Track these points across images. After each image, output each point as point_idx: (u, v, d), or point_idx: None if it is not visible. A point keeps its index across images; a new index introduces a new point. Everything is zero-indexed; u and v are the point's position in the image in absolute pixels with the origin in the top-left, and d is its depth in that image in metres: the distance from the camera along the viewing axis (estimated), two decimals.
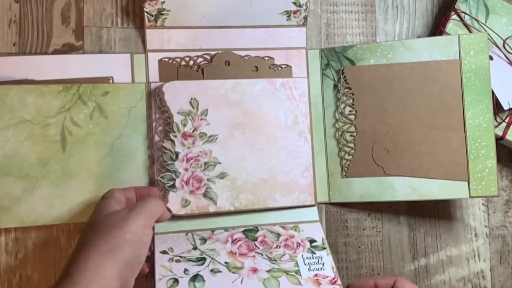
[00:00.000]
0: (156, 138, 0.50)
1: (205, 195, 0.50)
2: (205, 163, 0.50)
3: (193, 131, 0.50)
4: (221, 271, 0.45)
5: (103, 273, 0.37)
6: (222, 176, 0.50)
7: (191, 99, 0.50)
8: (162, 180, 0.49)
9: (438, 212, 0.58)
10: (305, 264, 0.47)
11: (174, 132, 0.49)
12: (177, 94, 0.50)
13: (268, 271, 0.45)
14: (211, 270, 0.45)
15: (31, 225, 0.48)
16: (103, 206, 0.42)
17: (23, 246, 0.49)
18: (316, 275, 0.45)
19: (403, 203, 0.57)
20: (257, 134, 0.52)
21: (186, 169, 0.49)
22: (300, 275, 0.45)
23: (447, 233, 0.58)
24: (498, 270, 0.58)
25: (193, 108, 0.50)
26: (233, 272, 0.45)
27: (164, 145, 0.49)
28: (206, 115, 0.50)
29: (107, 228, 0.39)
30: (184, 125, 0.50)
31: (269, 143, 0.52)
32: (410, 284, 0.44)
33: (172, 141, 0.49)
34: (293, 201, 0.52)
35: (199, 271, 0.44)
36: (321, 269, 0.46)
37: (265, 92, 0.52)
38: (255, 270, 0.45)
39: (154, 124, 0.50)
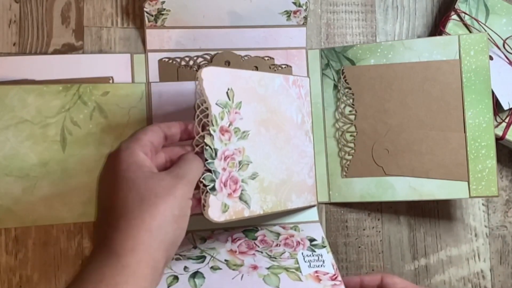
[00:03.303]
0: (195, 131, 0.43)
1: (240, 198, 0.43)
2: (240, 162, 0.44)
3: (229, 125, 0.43)
4: (221, 268, 0.45)
5: (152, 254, 0.33)
6: (253, 176, 0.45)
7: (228, 89, 0.43)
8: (204, 181, 0.41)
9: (438, 212, 0.58)
10: (305, 261, 0.46)
11: (213, 126, 0.42)
12: (215, 82, 0.43)
13: (268, 268, 0.45)
14: (211, 267, 0.45)
15: (31, 225, 0.48)
16: (131, 158, 0.36)
17: (23, 246, 0.49)
18: (316, 271, 0.45)
19: (403, 203, 0.57)
20: (278, 132, 0.48)
21: (224, 169, 0.42)
22: (300, 271, 0.45)
23: (447, 233, 0.58)
24: (498, 270, 0.58)
25: (229, 99, 0.43)
26: (233, 269, 0.45)
27: (205, 140, 0.41)
28: (240, 108, 0.44)
29: (153, 198, 0.34)
30: (222, 118, 0.42)
31: (286, 141, 0.49)
32: (398, 279, 0.44)
33: (211, 135, 0.41)
34: (303, 201, 0.51)
35: (199, 269, 0.44)
36: (321, 266, 0.46)
37: (282, 88, 0.49)
38: (255, 267, 0.45)
39: (194, 114, 0.43)
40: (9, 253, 0.49)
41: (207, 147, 0.41)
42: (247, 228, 0.51)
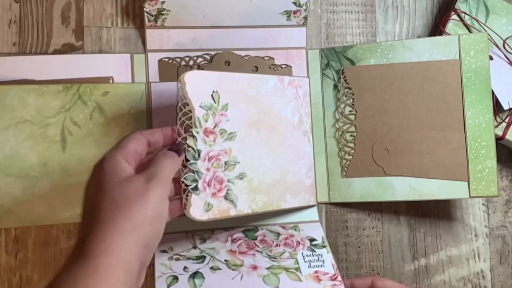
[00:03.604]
0: (177, 133, 0.44)
1: (226, 197, 0.45)
2: (226, 163, 0.45)
3: (214, 127, 0.45)
4: (220, 268, 0.45)
5: (126, 255, 0.33)
6: (241, 176, 0.46)
7: (213, 91, 0.45)
8: (185, 181, 0.42)
9: (438, 212, 0.58)
10: (305, 262, 0.46)
11: (196, 128, 0.43)
12: (199, 85, 0.44)
13: (268, 268, 0.45)
14: (211, 268, 0.45)
15: (31, 225, 0.48)
16: (112, 166, 0.37)
17: (23, 246, 0.49)
18: (316, 271, 0.45)
19: (403, 203, 0.57)
20: (270, 132, 0.49)
21: (208, 169, 0.44)
22: (300, 271, 0.45)
23: (447, 233, 0.58)
24: (498, 270, 0.58)
25: (215, 102, 0.45)
26: (233, 269, 0.45)
27: (187, 141, 0.43)
28: (226, 110, 0.46)
29: (125, 202, 0.35)
30: (206, 120, 0.44)
31: (280, 142, 0.50)
32: (389, 281, 0.44)
33: (195, 137, 0.43)
34: (300, 201, 0.51)
35: (198, 269, 0.44)
36: (321, 266, 0.46)
37: (276, 89, 0.50)
38: (254, 267, 0.45)
39: (177, 117, 0.44)
40: (9, 253, 0.49)
41: (190, 148, 0.42)
42: (247, 228, 0.51)
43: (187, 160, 0.43)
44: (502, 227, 0.59)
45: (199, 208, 0.43)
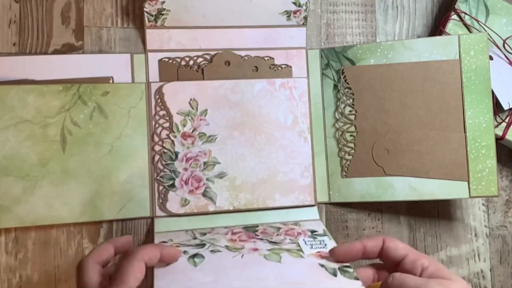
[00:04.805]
0: (156, 138, 0.50)
1: (204, 194, 0.50)
2: (204, 163, 0.51)
3: (193, 131, 0.51)
4: (221, 251, 0.44)
5: None
6: (221, 176, 0.51)
7: (191, 99, 0.51)
8: (161, 179, 0.49)
9: (438, 212, 0.58)
10: (306, 245, 0.46)
11: (174, 132, 0.50)
12: (177, 95, 0.51)
13: (269, 250, 0.44)
14: (211, 251, 0.44)
15: (31, 225, 0.48)
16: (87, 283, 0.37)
17: (23, 246, 0.49)
18: (318, 251, 0.44)
19: (403, 203, 0.57)
20: (256, 134, 0.52)
21: (186, 169, 0.50)
22: (302, 252, 0.45)
23: (447, 233, 0.58)
24: (498, 270, 0.58)
25: (193, 108, 0.51)
26: (233, 251, 0.44)
27: (163, 145, 0.50)
28: (206, 115, 0.51)
29: None
30: (184, 125, 0.50)
31: (268, 143, 0.52)
32: (402, 243, 0.40)
33: (172, 141, 0.50)
34: (292, 201, 0.52)
35: (198, 251, 0.44)
36: (323, 247, 0.45)
37: (264, 92, 0.53)
38: (255, 249, 0.45)
39: (153, 124, 0.50)
40: (9, 253, 0.49)
41: (166, 151, 0.50)
42: (248, 226, 0.51)
43: (164, 161, 0.49)
44: (502, 227, 0.59)
45: (175, 203, 0.50)
